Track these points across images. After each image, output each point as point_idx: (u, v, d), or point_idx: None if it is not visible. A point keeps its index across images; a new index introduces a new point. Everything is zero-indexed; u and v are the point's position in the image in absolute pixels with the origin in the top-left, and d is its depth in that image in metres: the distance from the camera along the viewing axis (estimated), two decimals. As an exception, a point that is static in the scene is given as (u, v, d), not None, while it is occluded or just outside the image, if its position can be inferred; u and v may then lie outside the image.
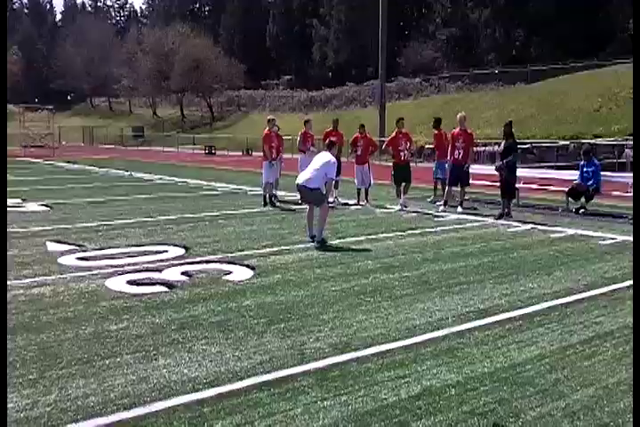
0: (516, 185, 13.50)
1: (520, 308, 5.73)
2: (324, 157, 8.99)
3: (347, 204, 13.32)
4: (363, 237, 9.30)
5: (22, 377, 4.16)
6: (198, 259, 7.71)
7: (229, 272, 7.03)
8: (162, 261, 7.57)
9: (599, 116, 27.95)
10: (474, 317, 5.46)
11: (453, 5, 50.34)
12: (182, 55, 60.56)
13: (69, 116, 73.67)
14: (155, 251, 8.14)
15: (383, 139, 23.22)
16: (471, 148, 12.52)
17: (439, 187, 13.79)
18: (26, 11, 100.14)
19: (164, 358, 4.49)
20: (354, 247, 8.54)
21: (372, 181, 13.53)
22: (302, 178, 8.83)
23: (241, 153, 39.22)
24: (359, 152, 13.38)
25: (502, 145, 11.37)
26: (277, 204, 13.14)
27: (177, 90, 63.25)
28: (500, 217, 11.12)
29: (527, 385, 4.06)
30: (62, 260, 7.59)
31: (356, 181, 13.51)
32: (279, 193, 13.95)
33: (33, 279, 6.65)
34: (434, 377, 4.18)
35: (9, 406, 3.75)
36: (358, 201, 13.33)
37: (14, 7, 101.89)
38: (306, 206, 9.52)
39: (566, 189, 12.58)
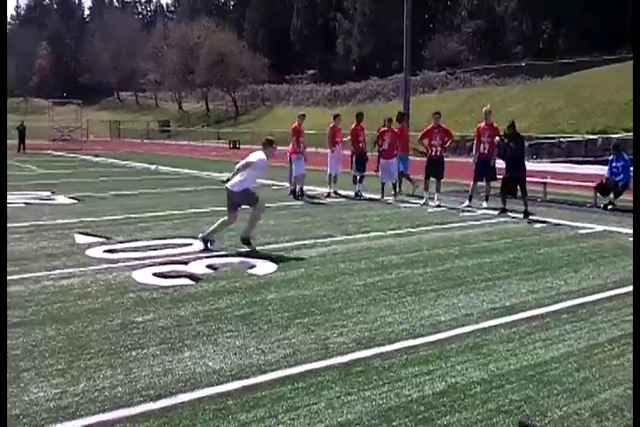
0: (544, 180, 13.35)
1: (547, 305, 5.67)
2: (251, 157, 8.12)
3: (371, 198, 13.29)
4: (387, 232, 9.27)
5: (51, 367, 4.23)
6: (223, 252, 7.76)
7: (253, 266, 7.06)
8: (187, 253, 7.63)
9: (629, 109, 27.47)
10: (500, 313, 5.42)
11: (479, -3, 49.80)
12: (207, 49, 60.84)
13: (97, 110, 74.40)
14: (180, 244, 8.20)
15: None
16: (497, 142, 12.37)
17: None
18: (55, 6, 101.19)
19: (189, 351, 4.53)
20: (377, 242, 8.52)
21: (397, 176, 13.47)
22: (230, 182, 8.02)
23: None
24: (385, 146, 13.34)
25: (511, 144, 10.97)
26: (304, 197, 13.21)
27: (202, 84, 63.59)
28: (502, 212, 10.95)
29: (554, 383, 4.02)
30: (90, 252, 7.69)
31: (380, 175, 13.49)
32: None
33: (62, 271, 6.74)
34: (459, 374, 4.15)
35: (39, 394, 3.82)
36: (382, 195, 13.29)
37: (44, 3, 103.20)
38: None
39: (594, 185, 12.40)
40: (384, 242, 8.53)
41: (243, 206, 8.16)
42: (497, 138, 11.41)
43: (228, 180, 8.03)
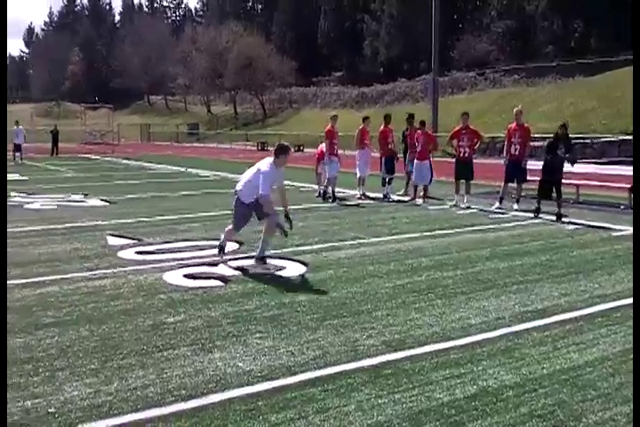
0: (577, 181, 13.15)
1: (580, 308, 5.58)
2: (261, 164, 7.26)
3: (400, 200, 13.23)
4: (416, 234, 9.22)
5: (85, 366, 4.29)
6: (252, 254, 7.77)
7: (283, 267, 7.08)
8: (217, 255, 7.67)
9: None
10: (532, 317, 5.35)
11: (509, -3, 49.29)
12: (236, 53, 61.22)
13: (128, 114, 75.40)
14: (210, 245, 8.25)
15: (435, 134, 22.97)
16: (528, 143, 12.25)
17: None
18: (86, 13, 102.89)
19: (219, 351, 4.56)
20: (407, 244, 8.48)
21: (432, 178, 13.39)
22: (241, 191, 7.27)
23: (292, 149, 39.39)
24: (419, 148, 13.33)
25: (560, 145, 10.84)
26: (335, 200, 13.21)
27: (230, 87, 64.00)
28: (536, 211, 10.80)
29: (588, 388, 3.95)
30: (122, 253, 7.80)
31: (413, 177, 13.48)
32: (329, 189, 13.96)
33: (95, 272, 6.84)
34: (490, 377, 4.11)
35: (73, 393, 3.88)
36: (414, 197, 13.22)
37: (76, 9, 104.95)
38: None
39: (629, 186, 12.17)
40: (413, 244, 8.49)
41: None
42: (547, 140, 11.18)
43: (237, 190, 7.28)
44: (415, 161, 13.37)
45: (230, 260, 7.42)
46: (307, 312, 5.46)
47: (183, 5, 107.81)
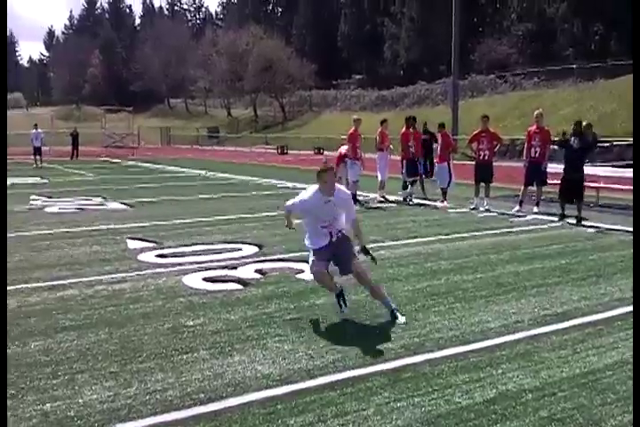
0: (597, 184, 13.03)
1: (600, 312, 5.52)
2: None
3: (419, 203, 13.19)
4: (435, 237, 9.19)
5: (104, 369, 4.33)
6: (271, 257, 7.81)
7: (302, 271, 7.08)
8: (236, 258, 7.72)
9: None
10: (551, 320, 5.30)
11: (529, 0, 48.94)
12: (256, 56, 61.49)
13: (148, 117, 75.96)
14: (229, 249, 8.30)
15: (455, 137, 22.89)
16: (548, 146, 12.16)
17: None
18: (107, 16, 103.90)
19: (238, 355, 4.58)
20: (426, 247, 8.45)
21: (452, 181, 13.33)
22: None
23: (312, 152, 39.43)
24: (438, 151, 13.35)
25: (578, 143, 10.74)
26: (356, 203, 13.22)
27: (250, 90, 64.27)
28: (561, 218, 10.68)
29: (608, 392, 3.91)
30: (142, 257, 7.86)
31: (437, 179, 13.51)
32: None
33: (114, 275, 6.90)
34: (509, 381, 4.08)
35: (92, 397, 3.91)
36: (443, 200, 13.15)
37: (96, 13, 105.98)
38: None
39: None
40: (433, 247, 8.46)
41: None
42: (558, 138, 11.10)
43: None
44: (436, 164, 13.39)
45: (250, 263, 7.44)
46: (326, 316, 5.46)
47: (203, 9, 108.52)
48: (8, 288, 6.36)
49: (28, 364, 4.46)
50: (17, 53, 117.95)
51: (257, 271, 7.06)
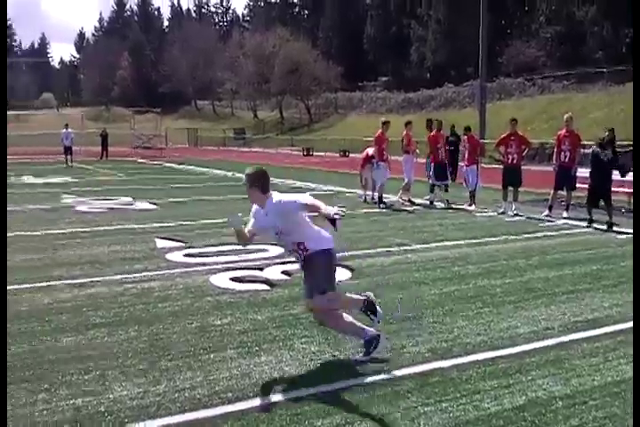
0: (627, 189, 12.85)
1: (632, 319, 5.43)
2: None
3: (447, 207, 13.11)
4: (463, 241, 9.12)
5: (134, 367, 4.38)
6: (297, 259, 7.82)
7: (328, 273, 7.07)
8: (263, 259, 7.75)
9: None
10: (582, 327, 5.23)
11: (558, 2, 48.41)
12: (282, 58, 61.73)
13: (176, 118, 76.62)
14: (256, 249, 8.31)
15: (482, 141, 22.72)
16: (578, 150, 12.01)
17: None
18: (136, 18, 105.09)
19: (265, 355, 4.59)
20: (453, 251, 8.39)
21: (478, 184, 13.23)
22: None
23: (338, 154, 39.45)
24: (465, 154, 13.29)
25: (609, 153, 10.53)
26: (380, 205, 13.18)
27: (277, 92, 64.52)
28: (589, 223, 10.51)
29: (641, 401, 3.84)
30: (170, 256, 7.93)
31: (464, 183, 13.42)
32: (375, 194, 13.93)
33: (143, 274, 6.97)
34: (539, 388, 4.03)
35: (122, 393, 3.95)
36: (471, 203, 13.04)
37: (125, 15, 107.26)
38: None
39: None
40: (460, 251, 8.40)
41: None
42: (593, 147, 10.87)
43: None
44: (463, 167, 13.31)
45: (276, 264, 7.47)
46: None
47: (230, 11, 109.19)
48: (39, 284, 6.47)
49: (60, 359, 4.52)
50: (48, 55, 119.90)
51: (283, 272, 7.07)
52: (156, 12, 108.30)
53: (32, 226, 10.30)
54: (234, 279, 6.75)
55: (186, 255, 7.97)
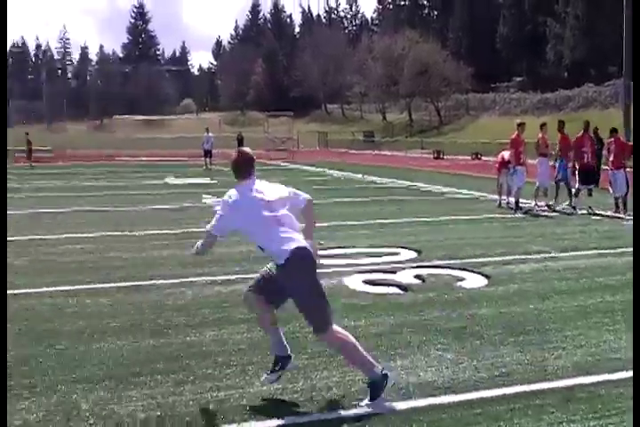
0: None
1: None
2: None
3: (589, 213, 12.40)
4: (607, 250, 8.59)
5: (270, 362, 4.48)
6: (430, 263, 7.73)
7: (462, 279, 6.94)
8: (395, 262, 7.73)
9: None
10: None
11: None
12: (411, 60, 61.35)
13: (307, 122, 78.40)
14: (388, 252, 8.33)
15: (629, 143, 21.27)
16: None
17: None
18: (269, 26, 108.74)
19: (400, 359, 4.57)
20: (597, 260, 7.93)
21: (629, 189, 12.40)
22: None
23: (470, 157, 38.58)
24: (611, 157, 12.52)
25: None
26: (518, 210, 12.71)
27: (405, 94, 64.18)
28: None
29: None
30: (304, 257, 8.08)
31: (610, 189, 12.66)
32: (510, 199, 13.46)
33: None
34: (701, 412, 3.70)
35: (263, 388, 4.08)
36: (616, 210, 12.31)
37: (259, 23, 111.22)
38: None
39: None
40: (604, 261, 7.92)
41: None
42: None
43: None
44: (611, 171, 12.52)
45: (409, 268, 7.42)
46: (489, 327, 5.29)
47: (359, 15, 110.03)
48: (186, 279, 6.83)
49: (203, 352, 4.75)
50: (189, 63, 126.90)
51: (416, 277, 7.01)
52: (287, 20, 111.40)
53: (177, 225, 10.94)
54: (367, 282, 6.78)
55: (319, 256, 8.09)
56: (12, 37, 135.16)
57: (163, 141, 49.09)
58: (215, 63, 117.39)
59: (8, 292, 6.04)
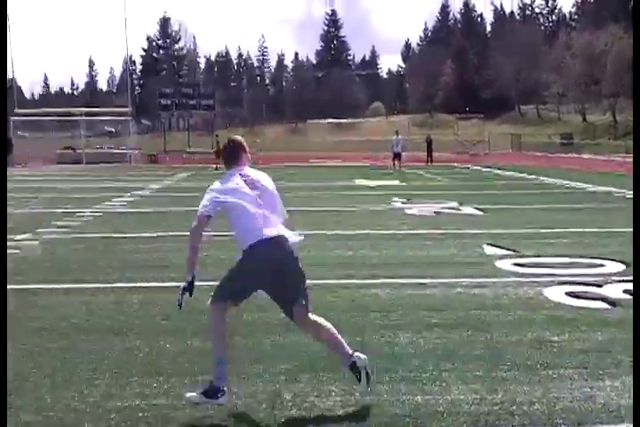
0: None
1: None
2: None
3: None
4: None
5: (470, 372, 4.36)
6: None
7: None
8: (599, 275, 7.20)
9: None
10: None
11: None
12: (614, 57, 56.90)
13: (498, 123, 75.97)
14: (589, 264, 7.80)
15: None
16: None
17: None
18: (459, 25, 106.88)
19: (610, 380, 4.24)
20: None
21: None
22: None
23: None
24: None
25: None
26: None
27: (609, 94, 59.73)
28: None
29: None
30: (499, 264, 7.85)
31: None
32: None
33: (472, 280, 7.02)
34: None
35: (460, 397, 3.99)
36: None
37: (449, 24, 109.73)
38: None
39: None
40: None
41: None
42: None
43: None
44: None
45: (616, 282, 6.88)
46: None
47: (556, 10, 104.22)
48: (371, 282, 6.93)
49: (396, 354, 4.77)
50: (378, 66, 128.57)
51: (625, 292, 6.47)
52: (478, 18, 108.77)
53: (362, 226, 11.17)
54: (569, 294, 6.39)
55: (515, 264, 7.80)
56: (218, 47, 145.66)
57: (349, 143, 50.37)
58: (404, 66, 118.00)
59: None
